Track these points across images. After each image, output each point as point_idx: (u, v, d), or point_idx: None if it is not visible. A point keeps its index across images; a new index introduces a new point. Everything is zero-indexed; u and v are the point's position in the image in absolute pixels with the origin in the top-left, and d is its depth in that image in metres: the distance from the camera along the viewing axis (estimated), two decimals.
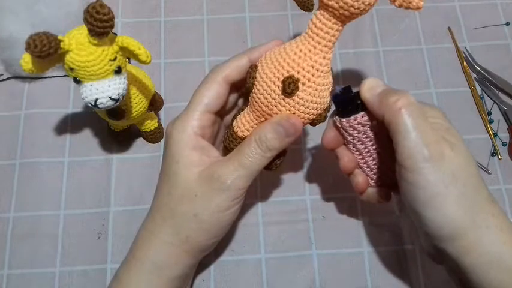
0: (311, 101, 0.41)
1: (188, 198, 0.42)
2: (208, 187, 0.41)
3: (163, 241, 0.43)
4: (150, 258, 0.43)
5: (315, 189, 0.56)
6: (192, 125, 0.42)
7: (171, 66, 0.61)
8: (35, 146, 0.56)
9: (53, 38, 0.37)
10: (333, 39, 0.40)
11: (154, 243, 0.43)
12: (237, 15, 0.64)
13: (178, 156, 0.42)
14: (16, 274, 0.51)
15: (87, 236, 0.53)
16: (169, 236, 0.43)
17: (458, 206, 0.37)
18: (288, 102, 0.40)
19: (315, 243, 0.53)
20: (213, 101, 0.43)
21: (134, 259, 0.44)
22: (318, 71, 0.40)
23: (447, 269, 0.42)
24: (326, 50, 0.40)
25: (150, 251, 0.43)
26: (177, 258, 0.43)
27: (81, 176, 0.56)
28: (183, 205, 0.42)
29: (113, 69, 0.41)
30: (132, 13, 0.64)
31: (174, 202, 0.42)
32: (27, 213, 0.54)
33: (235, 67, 0.44)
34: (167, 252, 0.43)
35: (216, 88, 0.43)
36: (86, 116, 0.58)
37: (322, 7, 0.39)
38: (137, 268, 0.43)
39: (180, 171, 0.42)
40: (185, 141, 0.42)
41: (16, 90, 0.59)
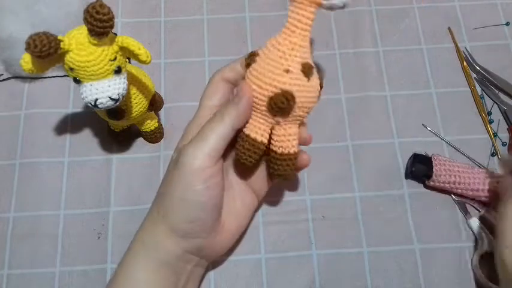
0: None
1: (168, 181, 0.43)
2: (175, 167, 0.42)
3: (148, 220, 0.45)
4: (139, 238, 0.45)
5: (315, 189, 0.56)
6: (200, 121, 0.44)
7: (171, 66, 0.61)
8: (35, 146, 0.56)
9: (53, 38, 0.37)
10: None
11: (144, 223, 0.46)
12: (237, 15, 0.64)
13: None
14: (16, 274, 0.51)
15: (87, 236, 0.53)
16: (153, 216, 0.45)
17: None
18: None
19: (315, 243, 0.53)
20: (215, 97, 0.45)
21: (132, 242, 0.46)
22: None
23: None
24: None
25: (140, 231, 0.45)
26: (160, 237, 0.43)
27: (81, 176, 0.56)
28: (163, 187, 0.44)
29: (113, 69, 0.41)
30: (132, 13, 0.64)
31: (162, 185, 0.45)
32: (27, 213, 0.54)
33: (233, 69, 0.45)
34: (151, 230, 0.44)
35: (218, 86, 0.45)
36: (86, 116, 0.58)
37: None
38: (130, 248, 0.45)
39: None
40: (190, 134, 0.44)
41: (16, 90, 0.59)
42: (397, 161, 0.57)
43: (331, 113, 0.59)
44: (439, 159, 0.54)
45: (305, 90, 0.41)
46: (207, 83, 0.46)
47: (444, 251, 0.52)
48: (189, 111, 0.58)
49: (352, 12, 0.65)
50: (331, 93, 0.59)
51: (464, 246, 0.53)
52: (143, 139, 0.57)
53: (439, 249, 0.51)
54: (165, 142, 0.57)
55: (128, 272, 0.44)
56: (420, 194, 0.55)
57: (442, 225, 0.54)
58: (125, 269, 0.44)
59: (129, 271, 0.44)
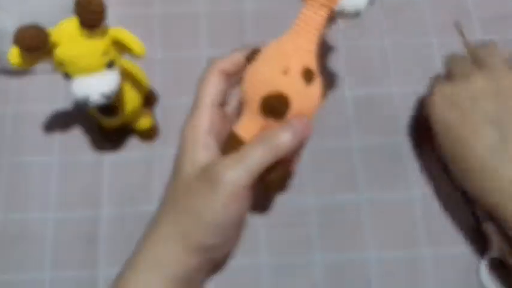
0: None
1: (189, 194, 0.42)
2: (206, 182, 0.41)
3: (163, 236, 0.43)
4: (150, 255, 0.43)
5: (315, 189, 0.55)
6: (202, 123, 0.43)
7: (167, 61, 0.61)
8: (23, 145, 0.56)
9: (42, 31, 0.37)
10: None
11: (155, 238, 0.43)
12: (236, 7, 0.64)
13: (187, 154, 0.43)
14: (3, 280, 0.51)
15: (78, 239, 0.52)
16: (169, 232, 0.43)
17: None
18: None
19: (315, 244, 0.53)
20: (215, 93, 0.44)
21: (137, 255, 0.44)
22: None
23: None
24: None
25: (150, 248, 0.43)
26: (177, 256, 0.43)
27: (72, 177, 0.55)
28: (184, 200, 0.42)
29: (105, 63, 0.41)
30: (125, 4, 0.63)
31: (177, 197, 0.43)
32: (15, 216, 0.53)
33: (232, 61, 0.44)
34: (166, 248, 0.43)
35: (216, 80, 0.44)
36: (77, 113, 0.57)
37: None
38: (138, 264, 0.43)
39: (185, 167, 0.42)
40: (194, 140, 0.42)
41: (3, 85, 0.59)
42: (401, 161, 0.56)
43: (333, 111, 0.58)
44: None
45: (302, 96, 0.40)
46: (202, 74, 0.45)
47: (455, 256, 0.52)
48: (185, 108, 0.57)
49: None
50: (335, 91, 0.59)
51: (474, 250, 0.53)
52: (137, 138, 0.57)
53: (449, 254, 0.51)
54: (160, 141, 0.57)
55: None
56: (427, 197, 0.55)
57: (450, 228, 0.54)
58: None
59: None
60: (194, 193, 0.41)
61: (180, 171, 0.43)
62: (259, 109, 0.40)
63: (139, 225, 0.51)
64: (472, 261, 0.52)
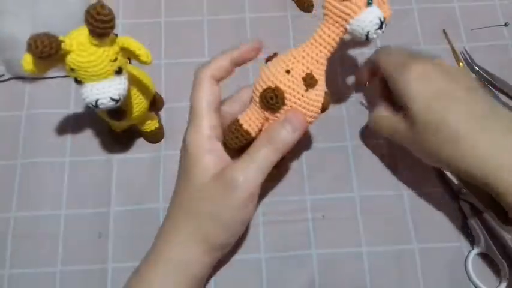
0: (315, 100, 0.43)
1: (207, 199, 0.43)
2: (224, 186, 0.42)
3: (183, 240, 0.44)
4: (170, 257, 0.44)
5: (315, 189, 0.56)
6: (203, 128, 0.44)
7: (172, 67, 0.61)
8: (36, 146, 0.57)
9: (54, 39, 0.37)
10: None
11: (175, 242, 0.45)
12: (237, 16, 0.64)
13: (195, 160, 0.44)
14: (17, 274, 0.52)
15: (88, 235, 0.53)
16: (189, 235, 0.44)
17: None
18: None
19: (314, 243, 0.53)
20: (211, 99, 0.44)
21: (155, 257, 0.45)
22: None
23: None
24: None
25: (171, 251, 0.45)
26: (197, 257, 0.45)
27: (82, 176, 0.56)
28: (202, 205, 0.44)
29: (114, 69, 0.41)
30: (132, 14, 0.64)
31: (194, 203, 0.44)
32: (29, 213, 0.54)
33: (218, 67, 0.45)
34: (187, 251, 0.44)
35: (209, 87, 0.45)
36: (87, 116, 0.58)
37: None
38: (158, 267, 0.44)
39: (198, 173, 0.43)
40: (200, 145, 0.44)
41: (17, 90, 0.59)
42: (393, 160, 0.57)
43: (331, 113, 0.58)
44: None
45: (299, 98, 0.42)
46: (193, 83, 0.46)
47: (443, 251, 0.52)
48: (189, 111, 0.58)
49: None
50: (332, 93, 0.59)
51: (463, 246, 0.53)
52: (144, 139, 0.57)
53: (438, 249, 0.51)
54: (166, 142, 0.58)
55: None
56: (419, 194, 0.55)
57: (441, 225, 0.54)
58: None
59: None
60: (211, 197, 0.43)
61: (190, 178, 0.44)
62: (259, 101, 0.43)
63: (147, 222, 0.53)
64: (459, 255, 0.53)
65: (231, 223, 0.44)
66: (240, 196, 0.42)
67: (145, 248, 0.47)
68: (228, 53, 0.46)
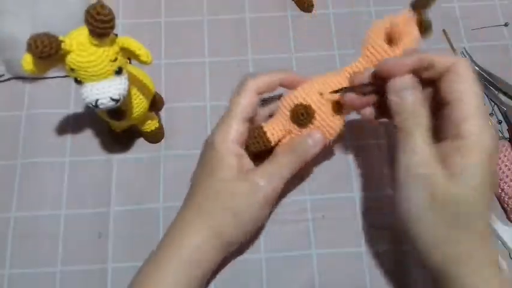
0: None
1: (227, 196, 0.45)
2: (247, 187, 0.45)
3: (197, 236, 0.45)
4: (181, 253, 0.45)
5: (315, 189, 0.56)
6: (233, 131, 0.46)
7: (172, 67, 0.61)
8: (36, 146, 0.57)
9: (54, 39, 0.37)
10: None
11: (188, 237, 0.45)
12: (237, 16, 0.64)
13: (221, 158, 0.46)
14: (17, 273, 0.52)
15: (88, 235, 0.53)
16: (204, 231, 0.45)
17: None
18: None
19: (314, 243, 0.53)
20: (248, 109, 0.47)
21: (164, 252, 0.46)
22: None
23: None
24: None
25: (182, 246, 0.45)
26: (208, 255, 0.46)
27: (82, 176, 0.56)
28: (222, 202, 0.45)
29: (114, 69, 0.41)
30: (132, 14, 0.64)
31: (213, 199, 0.45)
32: (29, 213, 0.54)
33: (265, 82, 0.48)
34: (200, 247, 0.45)
35: (250, 97, 0.47)
36: (87, 116, 0.58)
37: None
38: (167, 262, 0.45)
39: (222, 170, 0.45)
40: (227, 146, 0.46)
41: (17, 90, 0.59)
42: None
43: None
44: (504, 147, 0.55)
45: (325, 120, 0.47)
46: (237, 89, 0.48)
47: None
48: (189, 111, 0.59)
49: (351, 13, 0.65)
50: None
51: None
52: (144, 139, 0.57)
53: None
54: (166, 142, 0.58)
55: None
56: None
57: None
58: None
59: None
60: (234, 194, 0.45)
61: (214, 174, 0.46)
62: (289, 114, 0.46)
63: (147, 222, 0.53)
64: None
65: (248, 222, 0.46)
66: (261, 198, 0.45)
67: (145, 248, 0.48)
68: (278, 73, 0.48)
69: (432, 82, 0.40)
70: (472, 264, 0.37)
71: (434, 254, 0.39)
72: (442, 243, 0.38)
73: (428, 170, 0.37)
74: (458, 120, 0.37)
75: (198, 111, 0.59)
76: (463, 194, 0.37)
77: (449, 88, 0.38)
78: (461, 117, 0.37)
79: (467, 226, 0.37)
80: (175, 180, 0.55)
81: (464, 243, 0.38)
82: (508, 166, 0.53)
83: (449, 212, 0.37)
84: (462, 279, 0.38)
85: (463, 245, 0.38)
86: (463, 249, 0.38)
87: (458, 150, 0.37)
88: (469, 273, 0.37)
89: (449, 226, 0.37)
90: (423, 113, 0.39)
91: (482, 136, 0.36)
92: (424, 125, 0.38)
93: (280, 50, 0.63)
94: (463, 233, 0.38)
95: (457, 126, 0.37)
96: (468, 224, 0.37)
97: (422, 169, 0.38)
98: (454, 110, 0.38)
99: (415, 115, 0.38)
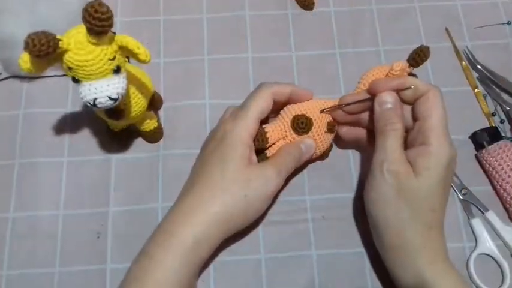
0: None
1: (242, 181, 0.47)
2: (262, 175, 0.48)
3: (207, 217, 0.46)
4: (189, 234, 0.45)
5: (315, 189, 0.56)
6: (249, 126, 0.48)
7: (171, 66, 0.61)
8: (34, 146, 0.56)
9: (51, 37, 0.37)
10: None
11: (197, 219, 0.46)
12: (237, 14, 0.64)
13: (235, 146, 0.48)
14: (15, 274, 0.51)
15: (86, 236, 0.53)
16: (215, 214, 0.46)
17: None
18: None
19: (314, 243, 0.53)
20: (264, 110, 0.50)
21: (168, 234, 0.46)
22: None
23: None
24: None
25: (191, 227, 0.46)
26: (214, 238, 0.47)
27: (80, 176, 0.56)
28: (235, 186, 0.47)
29: (112, 68, 0.41)
30: (131, 12, 0.64)
31: (227, 183, 0.47)
32: (27, 213, 0.54)
33: (281, 90, 0.51)
34: (207, 228, 0.46)
35: (267, 100, 0.50)
36: (85, 115, 0.58)
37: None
38: (172, 244, 0.45)
39: (236, 158, 0.47)
40: (241, 138, 0.48)
41: (15, 89, 0.59)
42: None
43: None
44: (507, 146, 0.55)
45: (319, 135, 0.52)
46: (253, 93, 0.51)
47: None
48: (188, 110, 0.58)
49: (352, 11, 0.65)
50: (331, 93, 0.59)
51: (465, 246, 0.53)
52: (142, 139, 0.57)
53: None
54: (165, 142, 0.57)
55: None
56: None
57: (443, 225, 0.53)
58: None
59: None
60: (252, 182, 0.47)
61: (226, 161, 0.48)
62: (289, 121, 0.50)
63: (145, 222, 0.53)
64: (461, 256, 0.53)
65: (256, 208, 0.49)
66: (270, 191, 0.48)
67: None
68: (290, 85, 0.52)
69: (412, 102, 0.50)
70: (424, 253, 0.46)
71: (392, 236, 0.47)
72: (400, 228, 0.46)
73: (397, 167, 0.46)
74: (425, 131, 0.47)
75: (197, 110, 0.59)
76: (421, 189, 0.45)
77: (422, 107, 0.48)
78: (428, 130, 0.46)
79: (419, 216, 0.46)
80: (174, 180, 0.55)
81: (410, 232, 0.46)
82: (510, 166, 0.53)
83: (409, 202, 0.46)
84: (406, 258, 0.47)
85: (415, 231, 0.46)
86: (414, 235, 0.46)
87: (422, 155, 0.46)
88: (418, 256, 0.46)
89: (408, 215, 0.46)
90: (399, 121, 0.47)
91: (442, 146, 0.46)
92: (399, 131, 0.47)
93: (280, 48, 0.62)
94: (415, 222, 0.46)
95: (424, 136, 0.47)
96: (420, 214, 0.46)
97: (393, 166, 0.46)
98: (423, 124, 0.47)
99: (391, 122, 0.47)
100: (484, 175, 0.56)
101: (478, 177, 0.56)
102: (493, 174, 0.54)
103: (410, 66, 0.51)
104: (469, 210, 0.54)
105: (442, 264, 0.46)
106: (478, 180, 0.56)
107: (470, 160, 0.57)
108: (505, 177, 0.53)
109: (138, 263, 0.46)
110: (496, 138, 0.55)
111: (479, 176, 0.57)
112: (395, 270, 0.48)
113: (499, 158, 0.54)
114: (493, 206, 0.55)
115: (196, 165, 0.52)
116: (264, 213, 0.54)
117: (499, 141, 0.55)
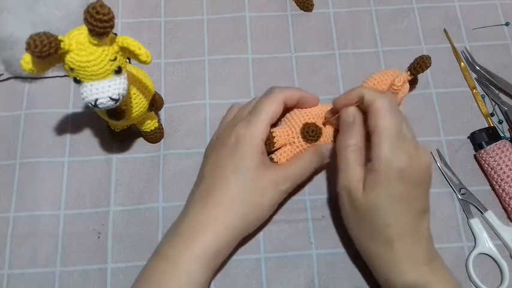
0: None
1: (259, 192, 0.48)
2: (275, 186, 0.49)
3: (227, 227, 0.47)
4: (212, 243, 0.47)
5: (314, 189, 0.56)
6: (261, 131, 0.48)
7: (171, 66, 0.61)
8: (35, 146, 0.57)
9: (53, 38, 0.37)
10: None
11: (218, 229, 0.47)
12: (237, 15, 0.64)
13: (250, 157, 0.48)
14: (16, 274, 0.52)
15: (87, 235, 0.53)
16: (235, 224, 0.48)
17: None
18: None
19: (314, 243, 0.53)
20: (275, 114, 0.50)
21: (190, 240, 0.46)
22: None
23: None
24: None
25: (213, 236, 0.47)
26: (232, 246, 0.49)
27: (81, 176, 0.56)
28: (253, 197, 0.48)
29: (113, 69, 0.41)
30: (132, 13, 0.64)
31: (245, 195, 0.48)
32: (28, 213, 0.54)
33: (290, 95, 0.51)
34: (227, 237, 0.47)
35: (278, 105, 0.50)
36: (86, 116, 0.58)
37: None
38: (193, 250, 0.46)
39: (252, 168, 0.48)
40: (255, 145, 0.48)
41: (16, 90, 0.59)
42: None
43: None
44: (505, 146, 0.55)
45: (327, 143, 0.53)
46: (264, 97, 0.50)
47: (444, 251, 0.52)
48: (189, 110, 0.58)
49: (351, 12, 0.65)
50: (331, 93, 0.59)
51: (464, 246, 0.53)
52: (143, 139, 0.57)
53: (439, 249, 0.51)
54: (165, 142, 0.57)
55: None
56: None
57: (442, 225, 0.54)
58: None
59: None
60: (268, 192, 0.49)
61: (247, 172, 0.48)
62: (298, 129, 0.51)
63: (146, 222, 0.53)
64: (460, 255, 0.53)
65: (265, 217, 0.51)
66: (281, 198, 0.50)
67: (145, 248, 0.47)
68: (300, 90, 0.52)
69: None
70: (391, 264, 0.46)
71: (360, 245, 0.49)
72: (364, 241, 0.48)
73: (348, 183, 0.46)
74: (373, 146, 0.45)
75: (197, 111, 0.59)
76: (370, 206, 0.45)
77: (370, 120, 0.46)
78: (374, 144, 0.45)
79: (374, 231, 0.46)
80: (174, 180, 0.55)
81: (374, 245, 0.47)
82: (509, 166, 0.53)
83: (363, 218, 0.46)
84: (378, 270, 0.48)
85: (377, 245, 0.46)
86: (378, 248, 0.46)
87: (369, 172, 0.45)
88: (386, 267, 0.47)
89: (366, 230, 0.47)
90: (353, 137, 0.47)
91: (388, 160, 0.44)
92: (352, 147, 0.47)
93: (280, 49, 0.63)
94: (372, 237, 0.47)
95: (373, 151, 0.45)
96: (376, 230, 0.46)
97: (345, 181, 0.47)
98: (372, 138, 0.45)
99: (346, 137, 0.48)
100: (483, 175, 0.57)
101: (477, 177, 0.57)
102: (491, 174, 0.54)
103: (411, 75, 0.52)
104: (468, 210, 0.54)
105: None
106: (477, 180, 0.56)
107: (469, 160, 0.57)
108: (503, 177, 0.53)
109: (158, 266, 0.46)
110: (494, 139, 0.56)
111: (478, 176, 0.57)
112: (374, 274, 0.49)
113: (498, 158, 0.54)
114: (492, 206, 0.55)
115: (206, 169, 0.51)
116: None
117: (498, 142, 0.55)
